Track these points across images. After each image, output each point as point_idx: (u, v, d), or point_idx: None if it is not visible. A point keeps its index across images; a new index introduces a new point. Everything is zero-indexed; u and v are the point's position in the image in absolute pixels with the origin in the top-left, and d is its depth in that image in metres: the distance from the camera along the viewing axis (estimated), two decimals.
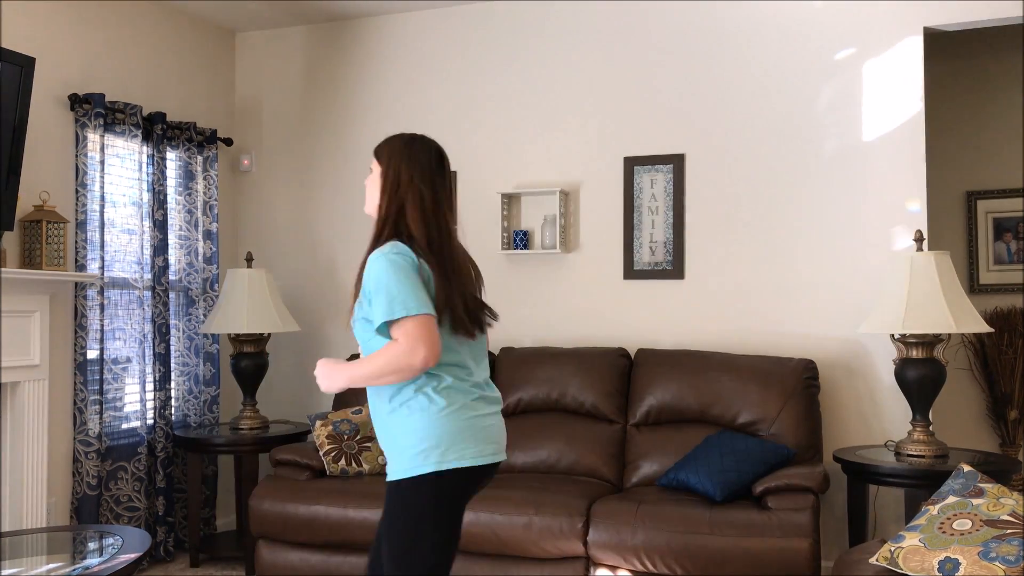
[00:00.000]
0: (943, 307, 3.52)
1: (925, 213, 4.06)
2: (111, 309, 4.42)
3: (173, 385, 4.76)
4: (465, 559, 3.65)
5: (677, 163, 4.44)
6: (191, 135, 4.83)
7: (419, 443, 2.16)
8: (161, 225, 4.61)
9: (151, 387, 4.57)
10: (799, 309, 4.25)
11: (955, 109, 5.72)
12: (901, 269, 3.67)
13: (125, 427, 4.49)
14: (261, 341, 4.73)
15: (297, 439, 4.60)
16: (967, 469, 2.76)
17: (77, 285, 4.20)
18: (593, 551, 3.50)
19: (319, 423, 4.20)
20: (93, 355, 4.27)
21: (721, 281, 4.38)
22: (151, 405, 4.58)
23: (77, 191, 4.21)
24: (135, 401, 4.54)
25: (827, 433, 4.14)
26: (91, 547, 3.05)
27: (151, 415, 4.58)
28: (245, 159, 5.34)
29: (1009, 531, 2.43)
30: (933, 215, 5.20)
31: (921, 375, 3.65)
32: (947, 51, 5.45)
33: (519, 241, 4.64)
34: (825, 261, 4.22)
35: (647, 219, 4.50)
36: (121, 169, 4.50)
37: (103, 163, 4.32)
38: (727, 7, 4.40)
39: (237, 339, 4.69)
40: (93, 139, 4.26)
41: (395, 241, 2.22)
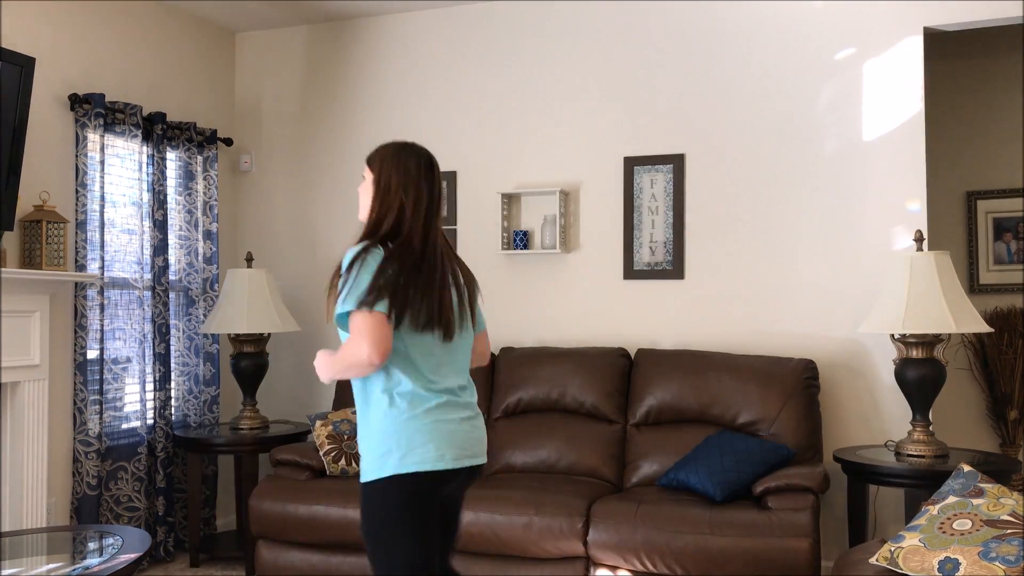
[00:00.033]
0: (943, 307, 3.52)
1: (925, 213, 4.06)
2: (111, 309, 4.42)
3: (173, 385, 4.76)
4: (465, 559, 3.65)
5: (677, 163, 4.44)
6: (191, 135, 4.84)
7: (380, 446, 2.22)
8: (161, 225, 4.61)
9: (151, 387, 4.57)
10: (799, 309, 4.25)
11: (955, 109, 5.71)
12: (901, 269, 3.67)
13: (125, 427, 4.49)
14: (261, 341, 4.73)
15: (297, 439, 4.60)
16: (967, 469, 2.76)
17: (77, 285, 4.20)
18: (593, 551, 3.50)
19: (319, 423, 4.20)
20: (93, 355, 4.27)
21: (721, 281, 4.38)
22: (151, 405, 4.58)
23: (77, 191, 4.21)
24: (135, 401, 4.54)
25: (827, 433, 4.14)
26: (91, 547, 3.05)
27: (151, 415, 4.58)
28: (245, 159, 5.34)
29: (1009, 531, 2.43)
30: (933, 215, 5.20)
31: (921, 375, 3.65)
32: (947, 51, 5.45)
33: (519, 241, 4.64)
34: (825, 261, 4.22)
35: (647, 219, 4.50)
36: (121, 169, 4.50)
37: (103, 163, 4.32)
38: (727, 7, 4.40)
39: (237, 339, 4.70)
40: (93, 139, 4.26)
41: (368, 241, 2.28)
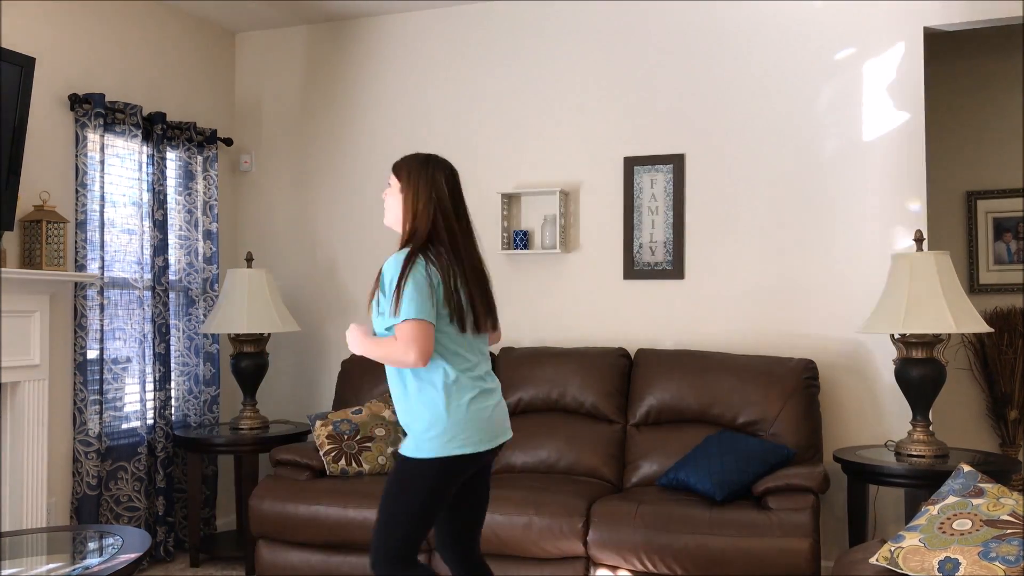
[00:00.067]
0: (943, 307, 3.52)
1: (925, 213, 4.06)
2: (111, 309, 4.42)
3: (173, 385, 4.76)
4: None
5: (677, 163, 4.44)
6: (191, 135, 4.84)
7: (428, 430, 2.53)
8: (161, 225, 4.61)
9: (151, 387, 4.57)
10: (799, 309, 4.25)
11: (955, 109, 5.71)
12: (901, 269, 3.67)
13: (125, 427, 4.49)
14: (261, 341, 4.73)
15: (297, 439, 4.60)
16: (967, 469, 2.76)
17: (77, 285, 4.20)
18: (593, 551, 3.50)
19: (319, 423, 4.20)
20: (93, 355, 4.27)
21: (721, 281, 4.38)
22: (151, 405, 4.58)
23: (77, 191, 4.21)
24: (135, 401, 4.54)
25: (827, 433, 4.14)
26: (91, 547, 3.05)
27: (151, 415, 4.58)
28: (245, 159, 5.34)
29: (1009, 531, 2.43)
30: (933, 215, 5.20)
31: (921, 375, 3.65)
32: (947, 51, 5.45)
33: (519, 241, 4.64)
34: (825, 261, 4.21)
35: (647, 219, 4.50)
36: (121, 169, 4.50)
37: (103, 163, 4.32)
38: (727, 7, 4.40)
39: (237, 339, 4.70)
40: (93, 139, 4.26)
41: (411, 248, 2.56)
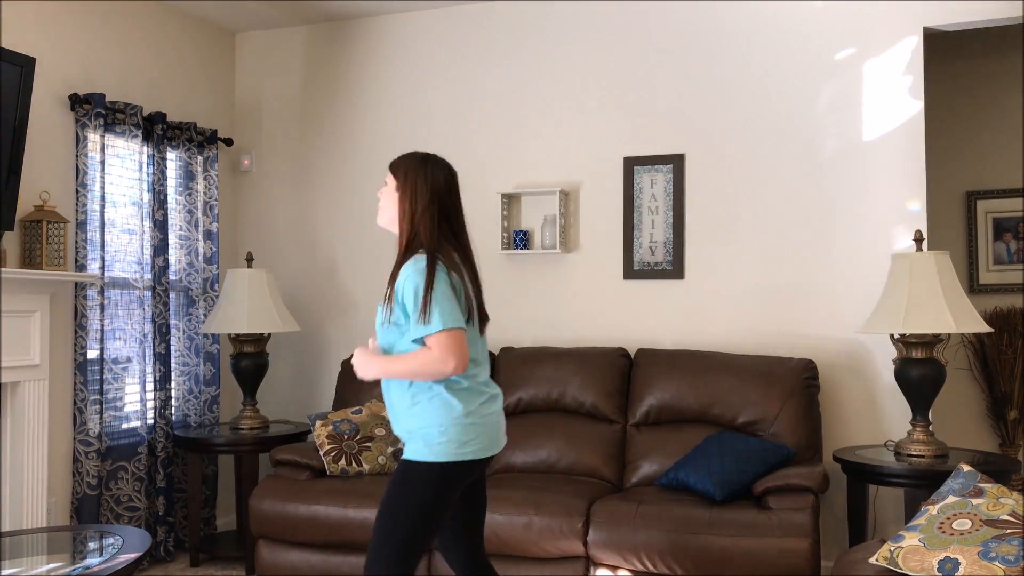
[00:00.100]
0: (943, 307, 3.52)
1: (925, 213, 4.06)
2: (111, 309, 4.42)
3: (173, 385, 4.76)
4: None
5: (677, 163, 4.44)
6: (191, 135, 4.84)
7: (438, 436, 2.45)
8: (161, 225, 4.61)
9: (151, 387, 4.57)
10: (799, 309, 4.25)
11: (955, 109, 5.71)
12: (901, 269, 3.67)
13: (125, 427, 4.49)
14: (261, 341, 4.73)
15: (297, 439, 4.60)
16: (967, 469, 2.76)
17: (77, 285, 4.20)
18: (593, 551, 3.50)
19: (319, 423, 4.20)
20: (93, 355, 4.27)
21: (721, 281, 4.38)
22: (151, 405, 4.58)
23: (77, 191, 4.21)
24: (135, 401, 4.54)
25: (827, 433, 4.14)
26: (91, 547, 3.05)
27: (151, 415, 4.58)
28: (245, 159, 5.34)
29: (1009, 531, 2.43)
30: (933, 215, 5.20)
31: (921, 375, 3.65)
32: (947, 51, 5.45)
33: (519, 241, 4.64)
34: (825, 261, 4.21)
35: (647, 219, 4.50)
36: (121, 169, 4.51)
37: (103, 163, 4.32)
38: (727, 7, 4.40)
39: (237, 339, 4.70)
40: (93, 139, 4.26)
41: (424, 254, 2.47)
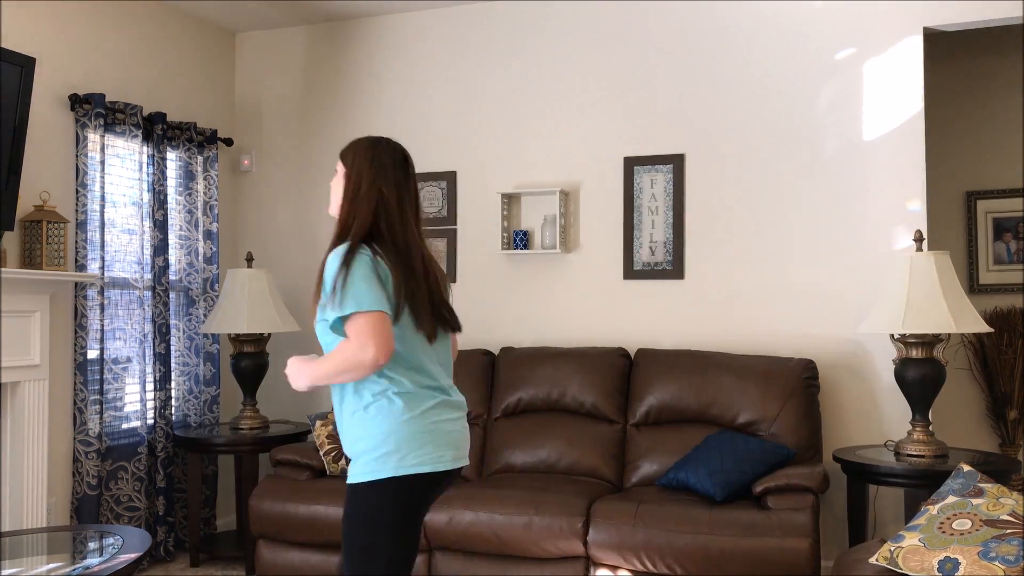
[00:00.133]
0: (943, 307, 3.52)
1: (925, 213, 4.06)
2: (111, 309, 4.42)
3: (173, 385, 4.76)
4: (465, 559, 3.66)
5: (677, 163, 4.44)
6: (191, 135, 4.84)
7: (378, 447, 2.16)
8: (161, 225, 4.61)
9: (151, 387, 4.57)
10: (799, 309, 4.25)
11: (955, 109, 5.71)
12: (901, 269, 3.67)
13: (125, 427, 4.49)
14: (261, 341, 4.73)
15: (297, 439, 4.60)
16: (967, 469, 2.76)
17: (77, 285, 4.20)
18: (593, 551, 3.50)
19: (319, 423, 4.20)
20: (93, 355, 4.27)
21: (721, 281, 4.38)
22: (151, 405, 4.58)
23: (77, 191, 4.21)
24: (135, 401, 4.54)
25: (827, 433, 4.14)
26: (91, 547, 3.05)
27: (151, 415, 4.58)
28: (245, 159, 5.34)
29: (1009, 531, 2.43)
30: (933, 215, 5.20)
31: (921, 375, 3.65)
32: (947, 51, 5.45)
33: (519, 241, 4.64)
34: (825, 261, 4.22)
35: (647, 219, 4.50)
36: (121, 169, 4.51)
37: (103, 163, 4.32)
38: (727, 7, 4.40)
39: (237, 339, 4.70)
40: (93, 139, 4.26)
41: (351, 240, 2.22)
